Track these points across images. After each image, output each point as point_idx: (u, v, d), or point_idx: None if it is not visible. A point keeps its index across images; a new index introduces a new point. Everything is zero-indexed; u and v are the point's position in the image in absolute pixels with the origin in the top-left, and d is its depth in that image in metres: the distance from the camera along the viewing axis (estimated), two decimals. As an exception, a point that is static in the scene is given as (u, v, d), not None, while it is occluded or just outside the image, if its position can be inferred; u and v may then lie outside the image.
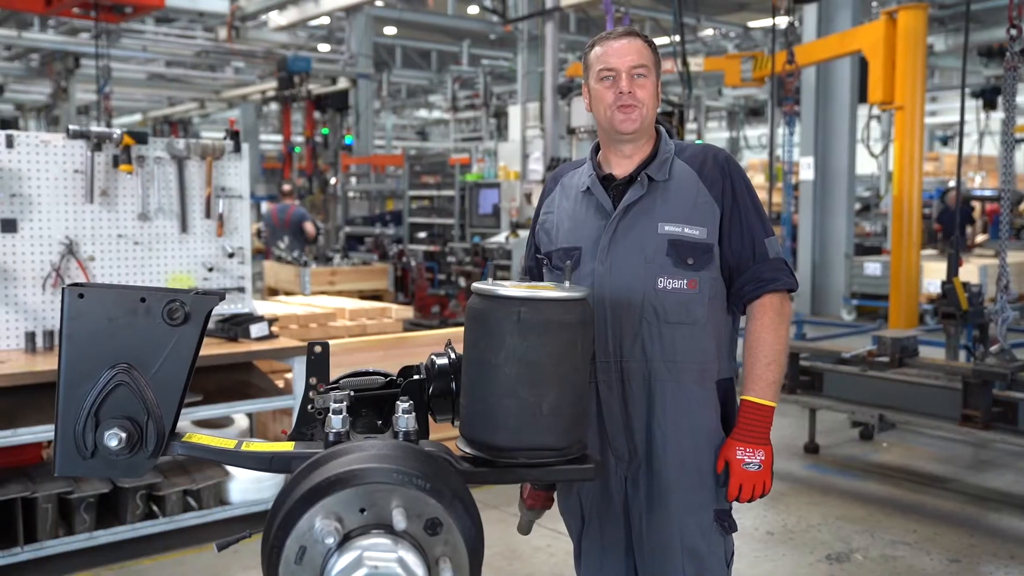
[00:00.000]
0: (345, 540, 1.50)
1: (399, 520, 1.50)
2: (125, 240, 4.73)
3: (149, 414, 1.75)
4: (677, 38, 7.38)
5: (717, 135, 25.70)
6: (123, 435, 1.70)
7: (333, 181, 13.32)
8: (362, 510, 1.53)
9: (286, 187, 12.56)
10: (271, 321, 4.87)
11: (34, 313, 4.48)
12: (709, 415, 2.22)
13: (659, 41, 13.73)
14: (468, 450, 1.91)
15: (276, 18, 12.13)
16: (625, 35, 2.22)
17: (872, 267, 11.97)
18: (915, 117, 7.99)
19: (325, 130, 13.90)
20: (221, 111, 19.56)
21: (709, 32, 17.88)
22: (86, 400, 1.72)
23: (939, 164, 23.42)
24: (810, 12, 12.27)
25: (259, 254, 12.45)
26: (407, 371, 2.16)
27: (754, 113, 20.42)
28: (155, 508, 4.38)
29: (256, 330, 4.71)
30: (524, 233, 9.84)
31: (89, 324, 1.73)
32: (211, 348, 4.55)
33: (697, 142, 2.43)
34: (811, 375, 6.00)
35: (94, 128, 4.56)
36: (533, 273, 2.46)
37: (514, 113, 11.05)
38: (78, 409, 1.72)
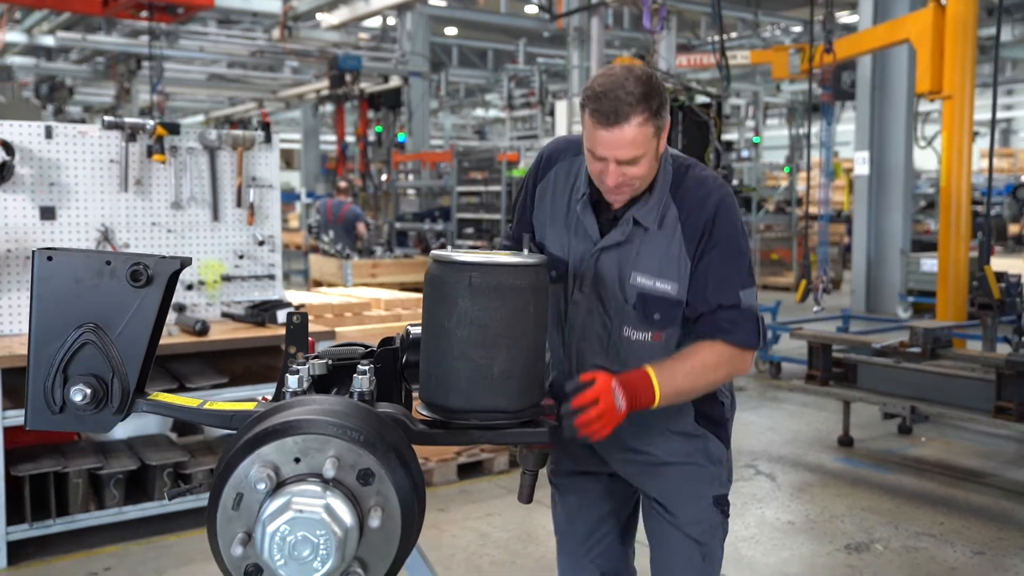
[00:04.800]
0: (279, 487, 1.57)
1: (328, 469, 1.56)
2: (159, 228, 4.88)
3: (114, 372, 1.83)
4: (730, 34, 7.34)
5: (776, 132, 25.36)
6: (88, 391, 1.79)
7: (384, 178, 13.50)
8: (297, 460, 1.59)
9: (342, 184, 12.78)
10: (299, 307, 4.99)
11: (71, 297, 4.65)
12: (684, 424, 2.25)
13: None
14: (425, 413, 1.97)
15: (328, 18, 12.33)
16: (617, 121, 1.96)
17: (929, 263, 11.67)
18: (964, 107, 7.80)
19: (379, 128, 14.10)
20: (280, 111, 19.94)
21: (774, 29, 17.62)
22: (55, 358, 1.81)
23: (1014, 160, 22.77)
24: (866, 2, 12.05)
25: (312, 250, 12.70)
26: (386, 342, 2.23)
27: (815, 109, 20.06)
28: (182, 485, 4.52)
29: (283, 316, 4.82)
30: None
31: (57, 286, 1.81)
32: (238, 332, 4.69)
33: (705, 173, 2.17)
34: (844, 367, 5.92)
35: (128, 119, 4.73)
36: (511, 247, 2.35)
37: (560, 109, 11.06)
38: (48, 367, 1.81)
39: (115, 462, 4.33)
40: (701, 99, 7.64)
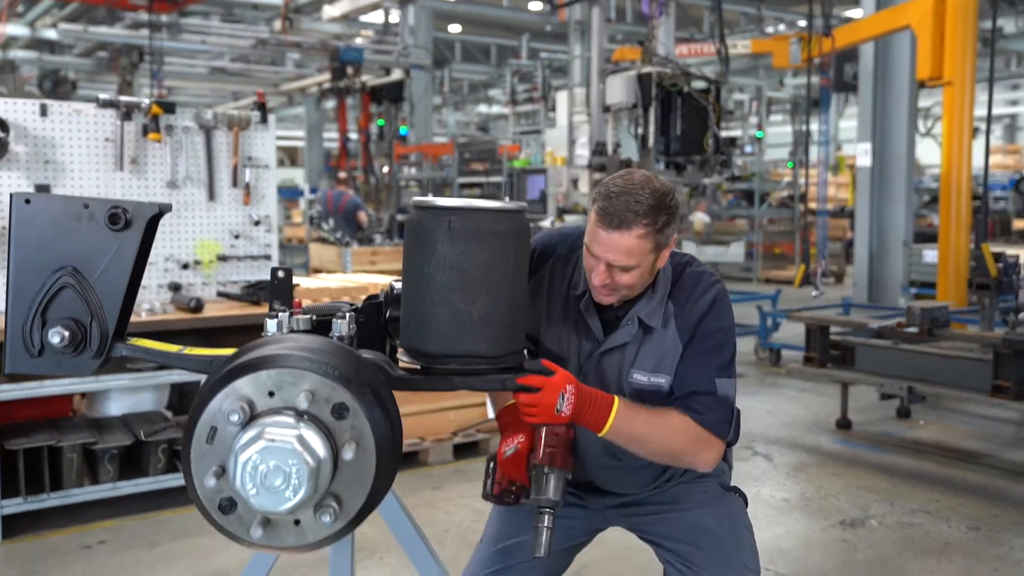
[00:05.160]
0: (252, 420, 1.56)
1: (302, 401, 1.56)
2: (154, 207, 4.88)
3: (93, 315, 1.82)
4: (733, 29, 7.34)
5: (780, 129, 25.31)
6: (66, 333, 1.78)
7: (386, 170, 13.51)
8: (271, 393, 1.59)
9: (342, 175, 12.76)
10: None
11: (67, 275, 4.65)
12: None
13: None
14: (407, 360, 1.96)
15: (329, 9, 12.34)
16: (619, 226, 1.96)
17: (931, 255, 11.61)
18: (964, 94, 7.78)
19: (381, 121, 14.10)
20: (283, 106, 19.95)
21: (777, 24, 17.59)
22: (33, 301, 1.81)
23: (1020, 156, 22.71)
24: (869, -1, 12.02)
25: (314, 241, 12.70)
26: (371, 298, 2.24)
27: (815, 104, 20.00)
28: (177, 462, 4.53)
29: (278, 294, 4.82)
30: (570, 218, 9.81)
31: (36, 229, 1.81)
32: (233, 309, 4.69)
33: (702, 268, 2.17)
34: (842, 349, 5.90)
35: (123, 98, 4.73)
36: None
37: (561, 99, 11.06)
38: (26, 310, 1.81)
39: (109, 437, 4.33)
40: (700, 85, 7.64)
